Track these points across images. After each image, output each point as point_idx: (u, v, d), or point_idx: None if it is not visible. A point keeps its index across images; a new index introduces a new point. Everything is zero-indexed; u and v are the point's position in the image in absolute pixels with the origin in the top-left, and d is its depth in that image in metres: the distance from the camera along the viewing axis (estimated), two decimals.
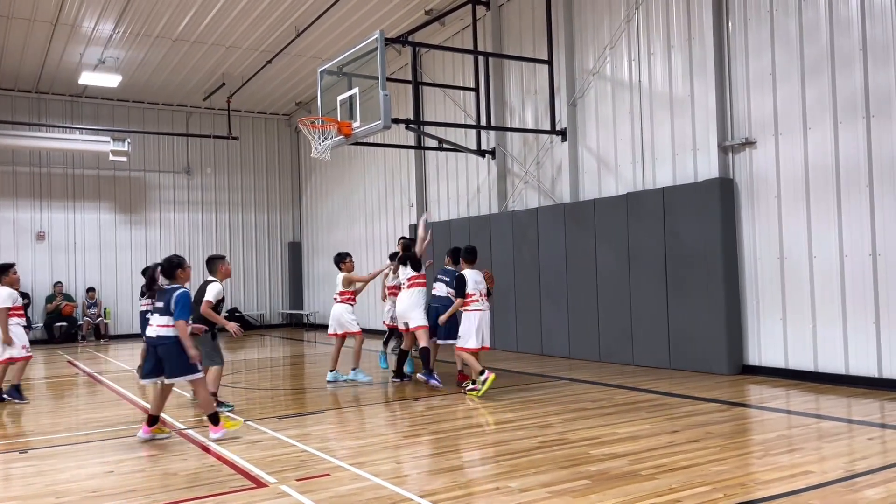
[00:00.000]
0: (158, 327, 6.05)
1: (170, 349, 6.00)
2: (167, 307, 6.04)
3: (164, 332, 6.03)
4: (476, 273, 8.25)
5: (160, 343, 6.02)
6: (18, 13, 12.83)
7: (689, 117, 9.41)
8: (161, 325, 6.04)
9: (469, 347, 7.98)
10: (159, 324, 6.05)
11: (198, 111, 19.38)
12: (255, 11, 13.16)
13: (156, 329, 6.06)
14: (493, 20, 12.66)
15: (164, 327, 6.03)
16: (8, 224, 17.28)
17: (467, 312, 8.09)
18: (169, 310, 6.02)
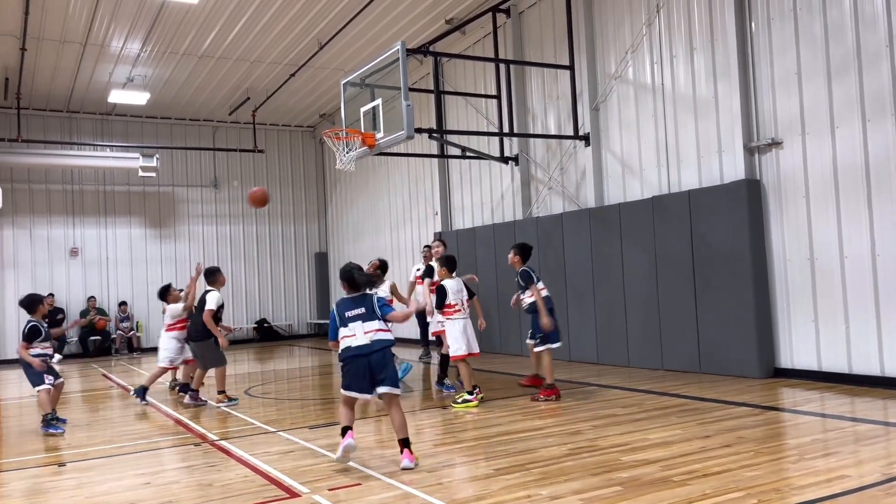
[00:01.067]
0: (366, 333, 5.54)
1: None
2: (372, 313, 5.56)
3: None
4: (457, 282, 8.36)
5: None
6: (49, 35, 13.15)
7: (713, 119, 9.35)
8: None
9: (460, 355, 8.05)
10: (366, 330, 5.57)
11: (224, 125, 19.66)
12: (277, 26, 13.34)
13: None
14: (513, 27, 12.70)
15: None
16: (42, 241, 17.66)
17: (451, 321, 8.18)
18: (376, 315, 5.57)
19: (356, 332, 5.40)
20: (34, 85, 15.77)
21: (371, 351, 5.37)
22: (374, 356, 5.37)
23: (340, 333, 5.43)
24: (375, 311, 5.47)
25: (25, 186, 17.50)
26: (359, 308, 5.47)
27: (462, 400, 7.90)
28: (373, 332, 5.40)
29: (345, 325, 5.43)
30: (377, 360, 5.37)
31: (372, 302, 5.52)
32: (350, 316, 5.45)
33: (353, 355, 5.37)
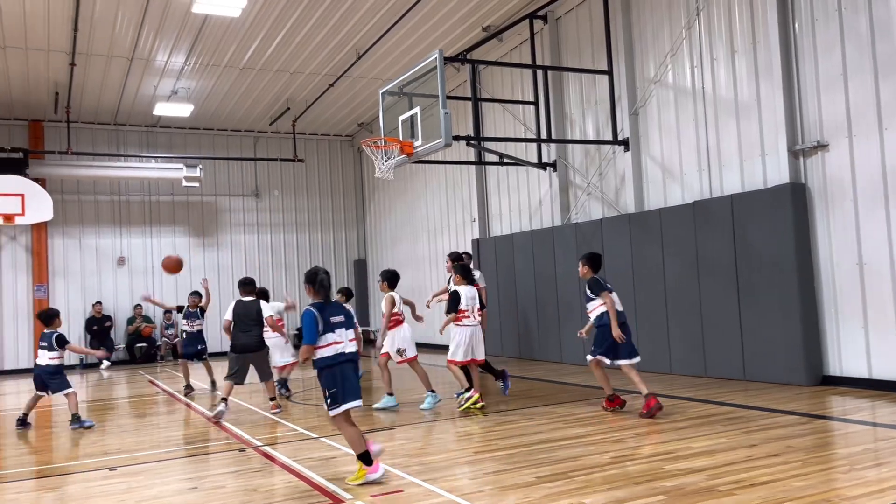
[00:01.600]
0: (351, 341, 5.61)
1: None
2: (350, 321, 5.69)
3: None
4: (470, 289, 8.60)
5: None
6: (97, 50, 13.54)
7: (756, 122, 9.20)
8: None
9: (457, 360, 8.37)
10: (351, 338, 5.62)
11: (264, 136, 19.99)
12: (316, 38, 13.53)
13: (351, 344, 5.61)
14: (550, 33, 12.68)
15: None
16: (91, 250, 18.15)
17: (459, 327, 8.46)
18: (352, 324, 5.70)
19: (343, 338, 5.44)
20: (83, 99, 16.25)
21: (357, 359, 5.51)
22: (356, 365, 5.51)
23: (326, 339, 5.38)
24: (352, 320, 5.59)
25: (75, 197, 18.02)
26: (340, 315, 5.52)
27: (464, 400, 8.14)
28: (354, 342, 5.52)
29: (332, 330, 5.42)
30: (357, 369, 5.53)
31: (349, 311, 5.63)
32: (335, 322, 5.46)
33: (348, 360, 5.43)
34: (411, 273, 18.50)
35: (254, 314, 9.12)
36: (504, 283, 13.80)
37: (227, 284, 19.32)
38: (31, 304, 17.26)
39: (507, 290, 13.74)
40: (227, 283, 19.35)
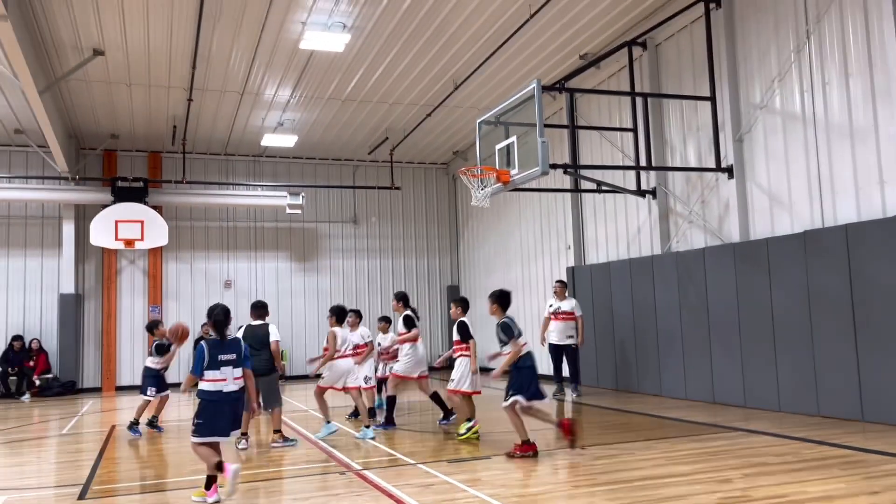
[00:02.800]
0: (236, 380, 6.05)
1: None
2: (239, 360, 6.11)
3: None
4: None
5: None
6: (212, 86, 14.41)
7: (873, 148, 8.74)
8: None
9: (464, 390, 8.63)
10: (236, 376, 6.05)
11: (363, 164, 20.60)
12: (415, 70, 13.90)
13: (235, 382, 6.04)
14: (650, 59, 12.52)
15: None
16: (201, 273, 19.14)
17: (465, 358, 8.68)
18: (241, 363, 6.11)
19: (227, 376, 5.93)
20: (197, 131, 17.27)
21: (238, 397, 6.02)
22: (238, 403, 6.04)
23: (209, 374, 5.88)
24: (243, 360, 6.04)
25: (188, 224, 19.10)
26: (230, 354, 5.97)
27: (465, 429, 8.45)
28: (239, 380, 6.02)
29: (217, 367, 5.88)
30: (241, 406, 6.06)
31: (242, 351, 6.08)
32: (223, 360, 5.92)
33: (227, 398, 5.92)
34: None
35: (261, 338, 8.83)
36: (600, 311, 13.57)
37: (326, 308, 19.83)
38: (146, 323, 18.32)
39: (603, 320, 13.50)
40: (325, 307, 19.88)
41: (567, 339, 12.29)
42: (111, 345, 17.94)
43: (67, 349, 17.44)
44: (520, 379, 7.49)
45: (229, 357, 5.95)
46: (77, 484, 6.80)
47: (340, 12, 11.39)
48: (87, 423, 11.95)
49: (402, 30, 12.18)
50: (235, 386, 5.98)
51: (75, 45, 12.26)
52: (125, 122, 16.44)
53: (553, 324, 12.43)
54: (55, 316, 17.61)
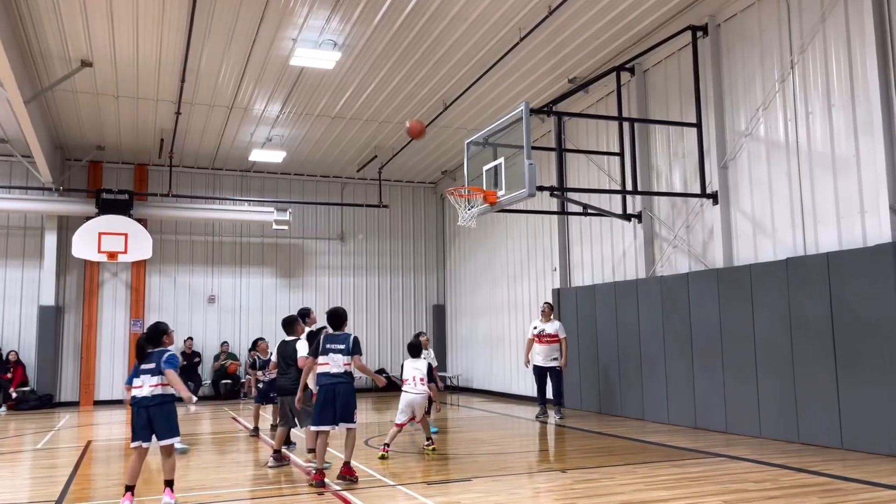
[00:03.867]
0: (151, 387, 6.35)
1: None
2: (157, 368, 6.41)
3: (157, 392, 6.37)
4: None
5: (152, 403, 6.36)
6: (201, 100, 14.40)
7: (855, 178, 8.84)
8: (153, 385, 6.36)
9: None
10: (151, 384, 6.35)
11: (352, 181, 20.60)
12: (405, 89, 13.97)
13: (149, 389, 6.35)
14: (637, 85, 12.65)
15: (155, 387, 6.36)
16: (184, 288, 19.00)
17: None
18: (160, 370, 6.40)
19: (143, 383, 6.38)
20: (185, 144, 17.22)
21: (150, 404, 6.33)
22: (152, 409, 6.33)
23: (133, 383, 6.44)
24: (157, 370, 6.37)
25: (172, 237, 18.98)
26: (150, 363, 6.44)
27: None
28: (157, 387, 6.34)
29: (137, 375, 6.44)
30: (154, 412, 6.33)
31: (160, 361, 6.41)
32: (143, 369, 6.44)
33: (139, 404, 6.36)
34: (489, 320, 18.46)
35: (291, 354, 8.66)
36: (584, 334, 13.58)
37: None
38: (127, 337, 18.15)
39: (587, 342, 13.51)
40: None
41: (551, 361, 12.31)
42: (91, 358, 17.72)
43: (46, 362, 17.20)
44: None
45: (148, 366, 6.45)
46: (50, 500, 6.68)
47: (331, 30, 11.45)
48: (63, 437, 11.76)
49: (393, 49, 12.25)
50: (146, 392, 6.37)
51: (63, 56, 12.22)
52: (112, 133, 16.38)
53: (537, 346, 12.42)
54: (34, 328, 17.39)
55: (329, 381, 7.29)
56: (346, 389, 7.28)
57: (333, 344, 7.38)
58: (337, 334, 7.47)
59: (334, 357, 7.32)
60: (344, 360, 7.32)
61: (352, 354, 7.36)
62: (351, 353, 7.36)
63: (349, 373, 7.36)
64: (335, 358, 7.32)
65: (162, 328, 6.67)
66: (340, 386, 7.27)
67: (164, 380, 6.34)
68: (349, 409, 7.26)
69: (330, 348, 7.36)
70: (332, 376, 7.29)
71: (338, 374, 7.30)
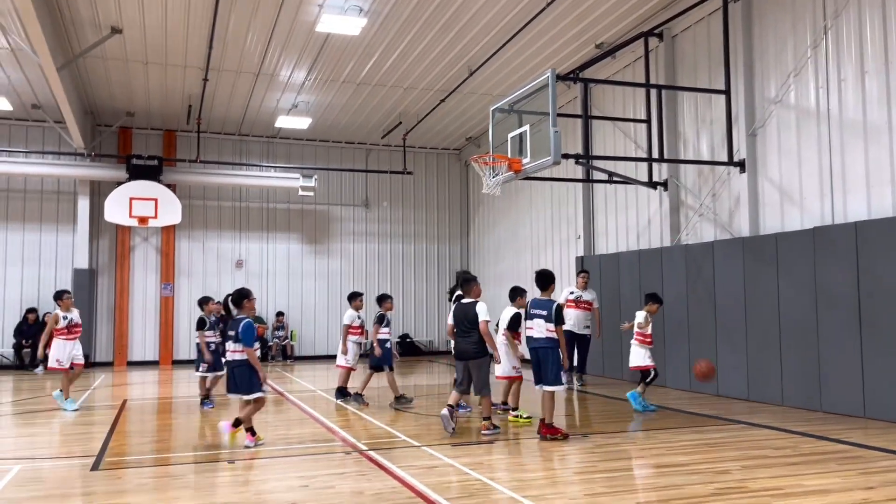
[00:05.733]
0: (231, 352, 7.45)
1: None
2: (237, 336, 7.36)
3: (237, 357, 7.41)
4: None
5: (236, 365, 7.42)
6: (228, 66, 14.49)
7: (886, 146, 8.72)
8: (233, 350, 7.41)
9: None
10: (231, 349, 7.44)
11: (376, 148, 20.66)
12: (431, 54, 13.92)
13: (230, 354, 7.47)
14: (666, 51, 12.49)
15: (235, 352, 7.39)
16: (213, 253, 19.32)
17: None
18: (238, 339, 7.34)
19: (227, 347, 7.51)
20: (212, 111, 17.38)
21: (232, 366, 7.38)
22: (235, 370, 7.36)
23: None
24: (238, 336, 7.32)
25: (201, 203, 19.25)
26: (232, 330, 7.41)
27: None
28: (235, 353, 7.34)
29: (227, 339, 7.51)
30: (233, 373, 7.41)
31: (238, 327, 7.33)
32: (229, 334, 7.47)
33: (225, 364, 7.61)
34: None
35: (472, 318, 8.22)
36: (608, 302, 13.62)
37: (336, 290, 20.09)
38: (158, 300, 18.58)
39: (611, 310, 13.55)
40: (335, 289, 20.12)
41: (584, 328, 12.23)
42: (123, 320, 18.18)
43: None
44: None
45: (230, 333, 7.43)
46: (90, 455, 6.98)
47: None
48: (99, 396, 12.17)
49: (419, 15, 12.20)
50: (230, 357, 7.43)
51: (94, 22, 12.35)
52: (141, 99, 16.57)
53: (572, 312, 12.10)
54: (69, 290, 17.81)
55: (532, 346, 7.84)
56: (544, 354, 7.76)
57: (537, 309, 7.80)
58: (541, 300, 7.89)
59: (538, 322, 7.75)
60: (547, 326, 7.70)
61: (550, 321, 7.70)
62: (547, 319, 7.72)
63: (550, 338, 7.72)
64: (538, 323, 7.73)
65: (245, 293, 7.52)
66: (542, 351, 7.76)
67: (241, 346, 7.28)
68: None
69: (534, 313, 7.80)
70: (534, 340, 7.77)
71: (539, 338, 7.74)
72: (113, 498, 5.43)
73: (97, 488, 5.78)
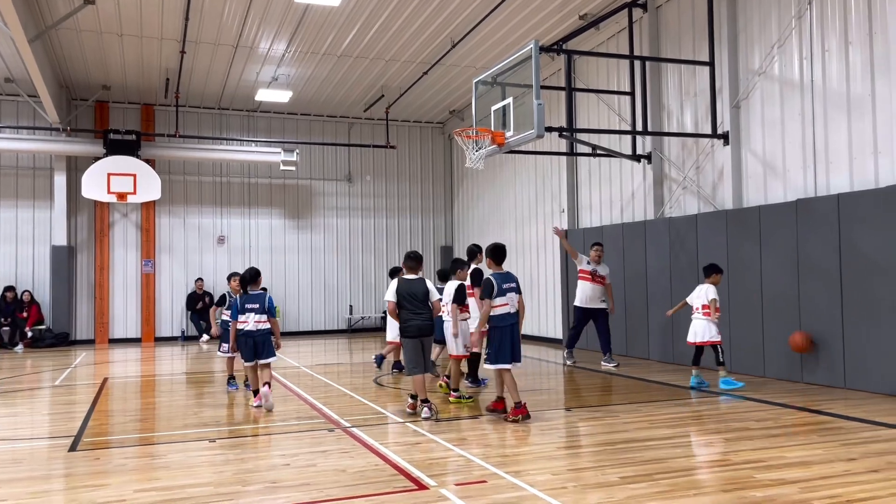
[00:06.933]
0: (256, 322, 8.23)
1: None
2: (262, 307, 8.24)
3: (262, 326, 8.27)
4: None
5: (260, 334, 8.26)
6: (205, 39, 14.17)
7: (869, 118, 8.70)
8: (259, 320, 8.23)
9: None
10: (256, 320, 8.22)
11: (358, 122, 20.42)
12: (412, 26, 13.69)
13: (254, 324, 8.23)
14: (650, 22, 12.36)
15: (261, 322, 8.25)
16: (194, 228, 19.10)
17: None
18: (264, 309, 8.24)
19: (249, 319, 8.18)
20: (191, 84, 17.05)
21: (256, 335, 8.17)
22: (258, 338, 8.17)
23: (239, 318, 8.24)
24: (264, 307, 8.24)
25: (180, 178, 18.98)
26: (255, 303, 8.21)
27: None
28: (261, 323, 8.21)
29: (242, 312, 8.21)
30: (260, 340, 8.21)
31: (263, 300, 8.25)
32: (248, 307, 8.20)
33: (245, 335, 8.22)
34: None
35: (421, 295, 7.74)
36: None
37: (319, 265, 19.99)
38: (139, 277, 18.38)
39: None
40: (318, 264, 20.01)
41: (601, 302, 11.63)
42: (104, 297, 17.99)
43: (60, 301, 17.47)
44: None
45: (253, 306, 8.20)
46: (69, 435, 6.89)
47: None
48: (80, 374, 12.05)
49: None
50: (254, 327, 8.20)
51: None
52: (117, 73, 16.21)
53: (589, 286, 11.56)
54: (47, 268, 17.61)
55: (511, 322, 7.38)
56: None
57: (510, 283, 7.45)
58: (509, 273, 7.57)
59: (512, 297, 7.41)
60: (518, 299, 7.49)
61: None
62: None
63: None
64: (513, 297, 7.42)
65: (258, 271, 8.45)
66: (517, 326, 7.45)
67: (265, 317, 8.19)
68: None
69: (507, 287, 7.38)
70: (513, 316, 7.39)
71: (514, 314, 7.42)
72: (92, 479, 5.36)
73: (76, 469, 5.71)
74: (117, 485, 5.18)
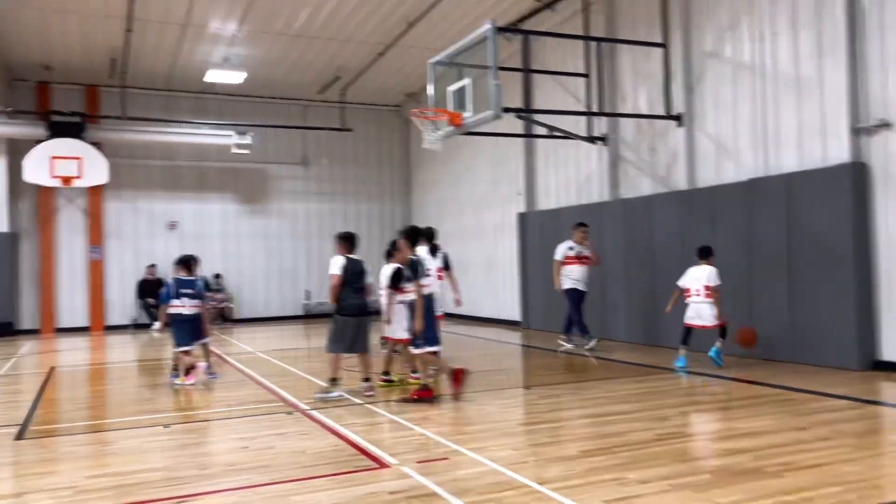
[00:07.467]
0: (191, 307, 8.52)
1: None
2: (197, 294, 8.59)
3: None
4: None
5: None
6: (153, 17, 13.73)
7: (817, 99, 8.90)
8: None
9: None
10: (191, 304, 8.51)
11: (314, 104, 20.07)
12: (367, 5, 13.48)
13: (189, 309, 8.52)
14: (605, 4, 12.41)
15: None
16: (145, 214, 18.59)
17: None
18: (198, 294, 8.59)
19: (184, 304, 8.42)
20: (138, 65, 16.51)
21: (190, 318, 8.45)
22: (194, 323, 8.48)
23: (172, 302, 8.42)
24: (198, 294, 8.55)
25: (129, 162, 18.39)
26: (189, 289, 8.47)
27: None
28: (194, 308, 8.46)
29: (178, 297, 8.42)
30: (196, 325, 8.54)
31: (197, 287, 8.59)
32: (184, 292, 8.43)
33: (182, 320, 8.44)
34: (457, 246, 18.51)
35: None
36: (547, 258, 13.66)
37: (275, 251, 19.70)
38: (87, 264, 17.84)
39: (549, 265, 13.64)
40: (274, 250, 19.72)
41: (588, 284, 11.33)
42: (49, 286, 17.41)
43: (2, 290, 16.82)
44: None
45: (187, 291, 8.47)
46: (15, 424, 6.66)
47: None
48: (26, 364, 11.66)
49: None
50: (189, 311, 8.48)
51: None
52: (60, 52, 15.61)
53: (577, 268, 11.16)
54: None
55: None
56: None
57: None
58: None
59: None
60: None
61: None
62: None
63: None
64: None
65: (197, 258, 8.90)
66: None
67: (199, 303, 8.52)
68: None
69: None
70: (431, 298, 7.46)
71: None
72: (41, 466, 5.19)
73: (24, 458, 5.52)
74: (67, 471, 5.02)
